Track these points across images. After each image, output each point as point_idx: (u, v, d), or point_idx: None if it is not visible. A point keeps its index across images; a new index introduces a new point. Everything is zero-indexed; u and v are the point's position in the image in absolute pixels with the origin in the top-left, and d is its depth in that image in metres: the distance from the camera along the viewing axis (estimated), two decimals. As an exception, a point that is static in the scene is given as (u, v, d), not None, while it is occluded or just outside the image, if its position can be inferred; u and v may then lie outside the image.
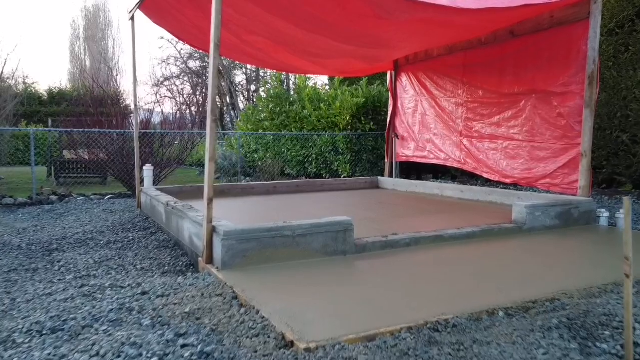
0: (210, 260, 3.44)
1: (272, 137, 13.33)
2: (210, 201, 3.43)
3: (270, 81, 14.70)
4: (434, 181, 11.08)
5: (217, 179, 14.35)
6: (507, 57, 6.02)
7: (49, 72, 51.05)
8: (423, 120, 7.52)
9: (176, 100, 30.51)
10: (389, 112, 8.35)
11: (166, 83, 29.28)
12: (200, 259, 3.57)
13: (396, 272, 3.26)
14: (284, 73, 21.59)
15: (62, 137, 12.27)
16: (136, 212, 6.73)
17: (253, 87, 25.80)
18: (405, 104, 7.95)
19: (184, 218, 4.23)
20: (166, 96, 30.01)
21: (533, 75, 5.66)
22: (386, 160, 8.46)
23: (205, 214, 3.43)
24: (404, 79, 7.91)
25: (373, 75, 13.01)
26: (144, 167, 6.89)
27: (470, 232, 4.28)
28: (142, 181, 7.12)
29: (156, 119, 13.80)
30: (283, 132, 12.69)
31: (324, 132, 11.56)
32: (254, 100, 22.93)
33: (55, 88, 31.00)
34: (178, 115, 13.30)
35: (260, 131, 13.71)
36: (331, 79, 13.86)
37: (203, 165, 18.82)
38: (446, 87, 7.01)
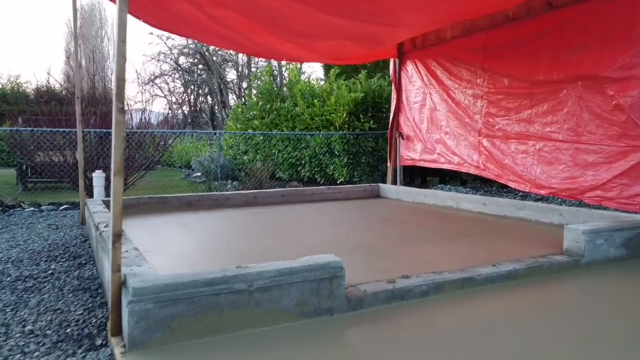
0: (118, 330, 2.20)
1: (261, 138, 12.12)
2: (117, 238, 2.19)
3: (260, 76, 13.49)
4: (439, 187, 9.86)
5: (203, 182, 13.14)
6: (544, 35, 4.79)
7: (44, 72, 49.95)
8: (432, 117, 6.29)
9: (167, 99, 29.37)
10: (392, 108, 7.11)
11: (157, 81, 28.11)
12: (108, 323, 2.34)
13: (411, 353, 2.03)
14: (275, 67, 20.34)
15: (33, 137, 11.10)
16: (83, 230, 5.52)
17: (245, 84, 24.60)
18: (411, 98, 6.72)
19: (105, 252, 3.00)
20: (157, 95, 28.88)
21: (579, 57, 4.43)
22: (388, 164, 7.23)
23: (110, 258, 2.19)
24: (410, 67, 6.68)
25: (374, 64, 11.80)
26: (93, 174, 5.67)
27: (511, 270, 3.04)
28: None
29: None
30: (273, 132, 11.47)
31: (317, 132, 10.35)
32: (245, 97, 21.72)
33: (42, 87, 29.81)
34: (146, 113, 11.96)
35: (250, 131, 12.50)
36: (327, 71, 12.65)
37: (190, 167, 17.64)
38: (461, 76, 5.78)
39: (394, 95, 7.09)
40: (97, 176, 5.64)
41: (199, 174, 15.30)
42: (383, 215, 5.47)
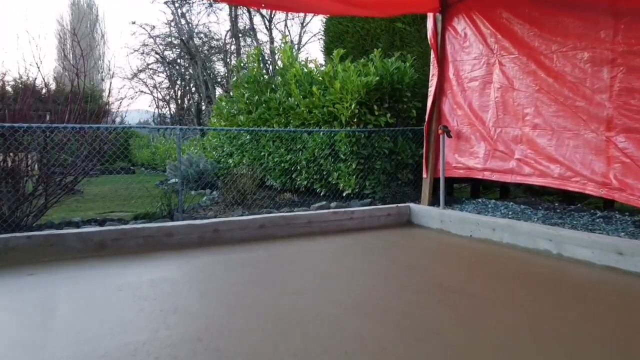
0: None
1: (248, 137, 9.80)
2: None
3: (247, 62, 11.16)
4: (479, 202, 7.50)
5: (174, 191, 10.79)
6: None
7: (39, 70, 48.16)
8: (505, 101, 3.95)
9: (153, 96, 27.18)
10: (431, 88, 4.76)
11: (141, 75, 25.89)
12: None
13: None
14: (268, 56, 17.98)
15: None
16: None
17: (234, 78, 22.40)
18: (464, 73, 4.38)
19: None
20: (141, 91, 26.69)
21: None
22: (424, 175, 4.87)
23: None
24: (461, 26, 4.34)
25: (389, 42, 9.44)
26: None
27: None
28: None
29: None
30: (261, 129, 9.13)
31: (317, 129, 8.03)
32: (231, 90, 19.51)
33: (21, 84, 27.73)
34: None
35: (234, 127, 10.17)
36: (328, 54, 10.33)
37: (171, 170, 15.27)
38: (566, 30, 3.46)
39: (433, 71, 4.72)
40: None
41: (176, 179, 13.01)
42: (434, 273, 3.08)
